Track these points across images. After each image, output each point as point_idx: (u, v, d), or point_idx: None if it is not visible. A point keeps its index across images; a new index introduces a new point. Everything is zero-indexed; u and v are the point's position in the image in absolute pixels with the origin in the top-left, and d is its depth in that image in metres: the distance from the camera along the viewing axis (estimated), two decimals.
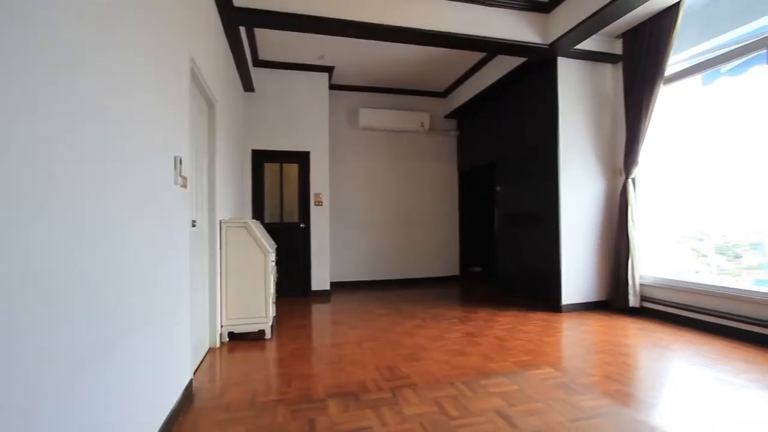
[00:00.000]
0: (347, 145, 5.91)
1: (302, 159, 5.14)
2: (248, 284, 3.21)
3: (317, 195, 5.12)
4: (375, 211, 6.02)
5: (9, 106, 0.81)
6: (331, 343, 3.15)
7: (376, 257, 5.99)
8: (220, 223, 3.13)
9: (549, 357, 2.73)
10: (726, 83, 3.37)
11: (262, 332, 3.27)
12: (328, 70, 5.11)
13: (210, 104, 3.02)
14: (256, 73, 4.88)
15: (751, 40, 3.06)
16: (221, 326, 3.13)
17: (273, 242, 3.97)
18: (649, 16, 3.57)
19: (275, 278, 3.95)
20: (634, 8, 3.29)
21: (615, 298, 4.02)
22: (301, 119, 5.08)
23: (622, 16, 3.41)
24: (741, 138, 3.21)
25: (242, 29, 3.70)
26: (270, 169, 5.13)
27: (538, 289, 4.39)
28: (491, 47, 3.93)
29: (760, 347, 2.83)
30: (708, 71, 3.44)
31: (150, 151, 1.63)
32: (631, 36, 3.84)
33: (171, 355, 1.89)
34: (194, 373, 2.48)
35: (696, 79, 3.57)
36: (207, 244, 2.98)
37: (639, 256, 3.88)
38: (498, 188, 5.20)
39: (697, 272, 3.63)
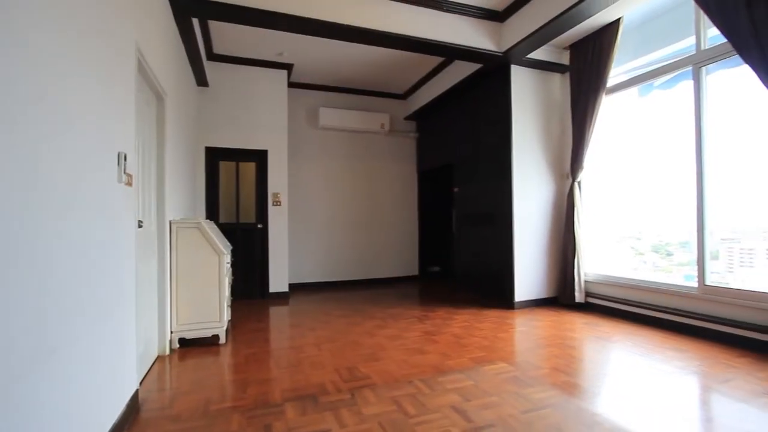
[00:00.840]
0: (307, 145, 5.82)
1: (260, 158, 5.00)
2: (201, 287, 3.07)
3: (275, 195, 5.00)
4: (335, 211, 5.98)
5: None
6: (289, 345, 3.08)
7: (336, 258, 5.95)
8: (170, 223, 2.98)
9: (503, 352, 2.85)
10: (659, 96, 3.68)
11: (216, 337, 3.14)
12: (287, 67, 5.01)
13: (159, 97, 2.86)
14: (210, 67, 4.69)
15: (679, 58, 3.37)
16: (171, 332, 2.97)
17: (228, 243, 3.83)
18: (593, 30, 3.83)
19: (230, 281, 3.81)
20: (579, 23, 3.51)
21: (563, 294, 4.26)
22: (258, 117, 4.93)
23: (568, 30, 3.63)
24: (671, 146, 3.51)
25: (195, 21, 3.54)
26: (225, 167, 4.94)
27: (494, 287, 4.56)
28: (449, 52, 4.04)
29: (689, 336, 3.12)
30: (643, 84, 3.74)
31: (88, 145, 1.51)
32: (577, 48, 4.09)
33: (114, 366, 1.76)
34: (141, 383, 2.34)
35: (633, 90, 3.86)
36: (155, 246, 2.82)
37: (584, 255, 4.14)
38: (456, 189, 5.34)
39: (635, 269, 3.93)
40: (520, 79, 4.30)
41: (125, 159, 1.91)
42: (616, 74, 3.90)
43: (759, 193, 2.96)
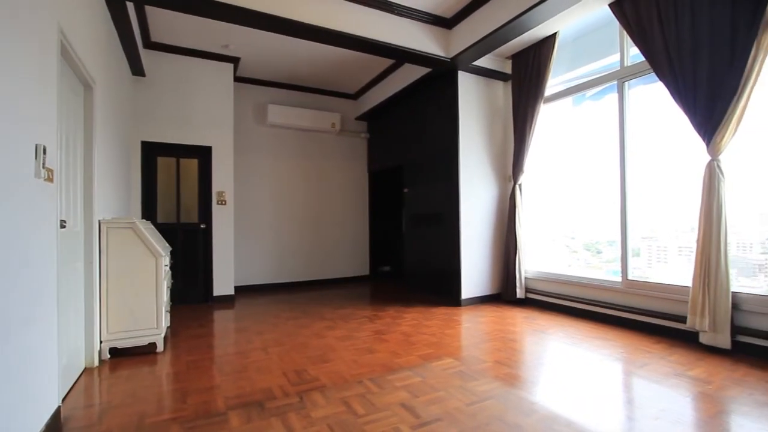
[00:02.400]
0: (254, 142, 5.62)
1: (203, 154, 4.74)
2: (136, 292, 2.86)
3: (220, 193, 4.77)
4: (283, 211, 5.83)
5: None
6: (234, 351, 2.96)
7: (285, 259, 5.81)
8: (100, 223, 2.74)
9: (449, 348, 2.94)
10: (590, 106, 4.01)
11: (153, 345, 2.93)
12: (234, 60, 4.81)
13: (87, 86, 2.62)
14: (147, 56, 4.37)
15: (606, 73, 3.69)
16: (101, 342, 2.74)
17: (167, 245, 3.60)
18: (533, 42, 4.08)
19: (169, 284, 3.58)
20: (520, 35, 3.72)
21: (505, 291, 4.49)
22: (202, 111, 4.68)
23: (510, 40, 3.83)
24: (600, 153, 3.83)
25: (131, 5, 3.29)
26: (164, 164, 4.63)
27: (442, 285, 4.69)
28: (399, 55, 4.10)
29: (614, 326, 3.42)
30: (576, 95, 4.05)
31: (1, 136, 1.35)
32: (518, 58, 4.34)
33: (27, 383, 1.59)
34: (64, 399, 2.13)
35: (568, 100, 4.17)
36: (82, 248, 2.57)
37: (525, 253, 4.39)
38: (406, 190, 5.43)
39: (569, 266, 4.24)
40: (467, 85, 4.47)
41: (44, 152, 1.73)
42: (553, 84, 4.19)
43: (671, 196, 3.32)
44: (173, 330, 3.53)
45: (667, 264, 3.45)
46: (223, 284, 4.78)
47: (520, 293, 4.35)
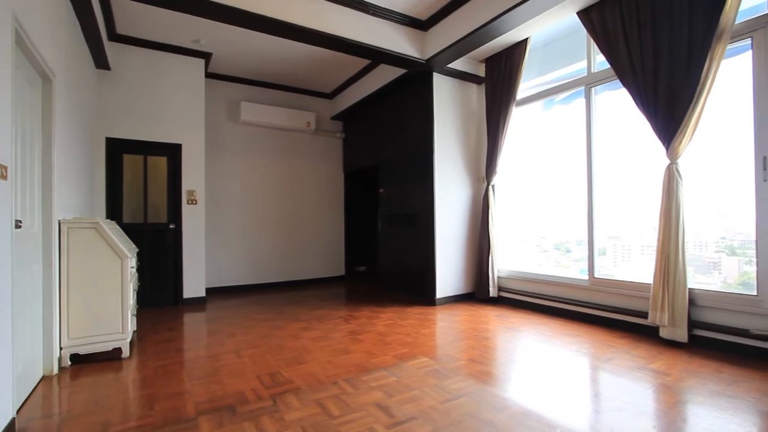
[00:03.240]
0: (227, 140, 5.49)
1: (173, 152, 4.59)
2: (99, 296, 2.73)
3: (191, 192, 4.62)
4: (257, 210, 5.72)
5: None
6: (205, 354, 2.88)
7: (259, 259, 5.70)
8: (60, 223, 2.60)
9: (424, 347, 2.97)
10: (559, 110, 4.14)
11: (118, 351, 2.81)
12: (206, 56, 4.67)
13: (45, 78, 2.48)
14: (113, 48, 4.19)
15: (574, 78, 3.83)
16: (60, 348, 2.60)
17: (133, 246, 3.47)
18: (505, 47, 4.17)
19: (136, 287, 3.44)
20: (493, 39, 3.80)
21: (479, 289, 4.58)
22: (171, 107, 4.52)
23: (484, 44, 3.91)
24: (569, 155, 3.97)
25: None
26: (131, 161, 4.44)
27: (417, 285, 4.73)
28: (375, 55, 4.10)
29: (582, 323, 3.55)
30: (546, 99, 4.18)
31: None
32: (491, 62, 4.43)
33: None
34: (19, 409, 2.01)
35: (539, 104, 4.30)
36: (40, 250, 2.44)
37: (497, 253, 4.49)
38: (381, 190, 5.44)
39: (540, 265, 4.37)
40: (442, 87, 4.53)
41: None
42: (524, 88, 4.31)
43: (635, 198, 3.47)
44: (140, 334, 3.40)
45: (631, 262, 3.61)
46: (193, 286, 4.63)
47: (493, 292, 4.45)
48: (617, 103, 3.54)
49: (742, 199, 2.74)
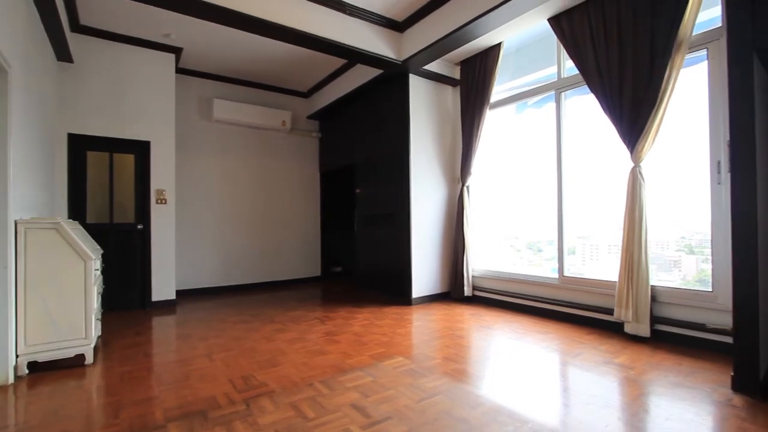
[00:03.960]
0: (198, 138, 5.34)
1: (141, 149, 4.42)
2: (61, 299, 2.60)
3: (160, 192, 4.47)
4: (230, 210, 5.59)
5: None
6: (175, 359, 2.79)
7: (233, 260, 5.57)
8: (16, 223, 2.46)
9: (400, 347, 2.99)
10: (531, 113, 4.26)
11: (81, 357, 2.68)
12: (176, 51, 4.53)
13: (1, 69, 2.34)
14: (75, 40, 3.99)
15: (545, 83, 3.94)
16: (17, 356, 2.45)
17: (98, 247, 3.32)
18: (480, 51, 4.26)
19: (100, 290, 3.30)
20: (467, 42, 3.87)
21: (454, 289, 4.64)
22: (139, 103, 4.36)
23: (459, 47, 3.97)
24: (541, 157, 4.09)
25: None
26: (96, 159, 4.25)
27: (393, 285, 4.75)
28: (350, 55, 4.09)
29: (553, 320, 3.66)
30: (519, 102, 4.29)
31: None
32: (466, 65, 4.51)
33: None
34: None
35: (512, 107, 4.40)
36: None
37: (472, 253, 4.57)
38: (358, 190, 5.43)
39: (513, 264, 4.47)
40: (418, 88, 4.57)
41: None
42: (498, 91, 4.40)
43: (602, 199, 3.61)
44: (105, 339, 3.26)
45: (599, 261, 3.75)
46: (163, 288, 4.48)
47: (467, 291, 4.52)
48: (586, 108, 3.68)
49: (699, 200, 2.90)
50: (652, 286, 3.01)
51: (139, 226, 4.41)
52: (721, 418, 1.87)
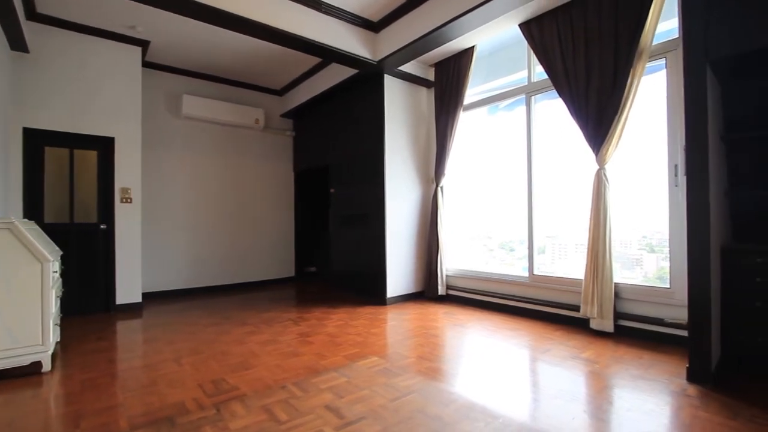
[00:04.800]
0: (167, 135, 5.15)
1: (104, 145, 4.22)
2: (13, 304, 2.45)
3: (125, 190, 4.28)
4: (201, 210, 5.43)
5: None
6: (141, 364, 2.68)
7: (203, 262, 5.41)
8: None
9: (375, 347, 2.99)
10: (503, 116, 4.36)
11: (37, 365, 2.53)
12: (142, 44, 4.35)
13: None
14: (31, 29, 3.77)
15: (516, 87, 4.05)
16: None
17: (56, 248, 3.15)
18: (453, 53, 4.32)
19: (59, 293, 3.13)
20: (441, 45, 3.92)
21: (428, 288, 4.69)
22: (102, 97, 4.16)
23: (433, 49, 4.02)
24: (512, 159, 4.19)
25: None
26: (54, 155, 4.02)
27: (368, 285, 4.75)
28: (326, 54, 4.06)
29: (523, 317, 3.77)
30: (491, 105, 4.38)
31: None
32: (440, 67, 4.57)
33: None
34: None
35: (484, 110, 4.49)
36: None
37: (446, 252, 4.63)
38: (332, 190, 5.40)
39: (486, 263, 4.57)
40: (393, 89, 4.59)
41: None
42: (471, 94, 4.48)
43: (570, 199, 3.74)
44: (65, 345, 3.09)
45: (567, 260, 3.89)
46: (128, 291, 4.30)
47: (441, 290, 4.58)
48: (554, 112, 3.80)
49: (658, 201, 3.06)
50: (615, 283, 3.15)
51: (102, 226, 4.21)
52: (677, 408, 1.98)
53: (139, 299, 4.38)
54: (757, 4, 2.12)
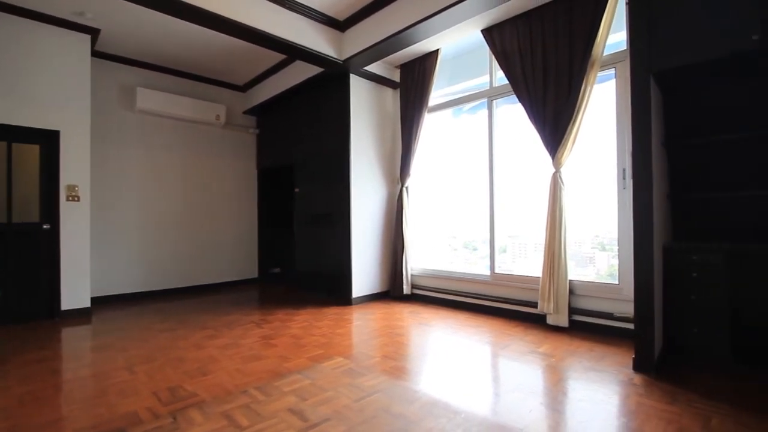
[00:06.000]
0: (119, 129, 4.86)
1: (48, 139, 3.92)
2: None
3: (72, 188, 4.00)
4: (157, 209, 5.17)
5: None
6: (89, 374, 2.52)
7: (159, 263, 5.16)
8: None
9: (340, 347, 2.98)
10: (467, 119, 4.47)
11: None
12: (92, 32, 4.08)
13: None
14: None
15: (478, 91, 4.17)
16: None
17: None
18: (418, 56, 4.38)
19: None
20: (406, 47, 3.95)
21: (393, 288, 4.73)
22: (45, 88, 3.86)
23: (398, 51, 4.05)
24: (475, 161, 4.31)
25: None
26: None
27: (333, 285, 4.71)
28: (290, 50, 3.99)
29: (485, 315, 3.88)
30: (455, 107, 4.48)
31: None
32: (406, 68, 4.61)
33: None
34: None
35: (449, 112, 4.59)
36: None
37: (411, 252, 4.69)
38: (297, 189, 5.31)
39: (451, 263, 4.66)
40: (359, 89, 4.58)
41: None
42: (436, 96, 4.56)
43: (530, 200, 3.90)
44: (1, 357, 2.85)
45: (527, 258, 4.04)
46: (75, 296, 4.02)
47: (406, 290, 4.63)
48: (514, 116, 3.94)
49: (609, 203, 3.25)
50: (570, 280, 3.31)
51: (45, 226, 3.92)
52: (624, 396, 2.11)
53: (88, 304, 4.11)
54: (693, 23, 2.31)
